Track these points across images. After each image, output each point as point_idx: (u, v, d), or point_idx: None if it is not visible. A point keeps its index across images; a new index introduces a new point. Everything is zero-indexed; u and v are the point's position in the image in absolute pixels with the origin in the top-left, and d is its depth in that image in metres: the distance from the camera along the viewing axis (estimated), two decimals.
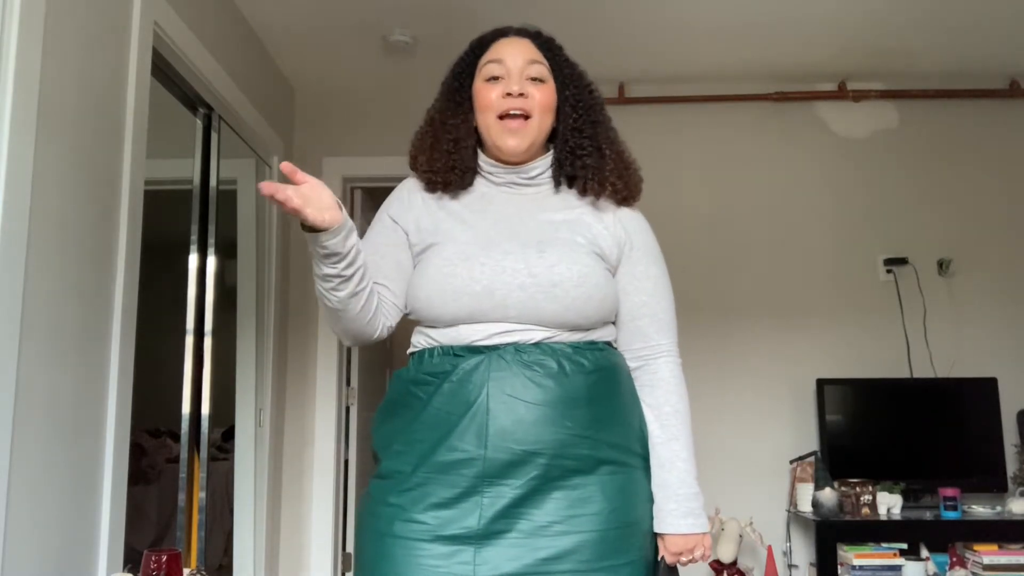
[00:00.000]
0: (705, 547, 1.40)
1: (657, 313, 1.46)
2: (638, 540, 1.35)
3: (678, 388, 1.45)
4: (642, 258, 1.48)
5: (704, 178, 3.70)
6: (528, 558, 1.28)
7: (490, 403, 1.31)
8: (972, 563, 2.99)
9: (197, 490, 2.87)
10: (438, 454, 1.32)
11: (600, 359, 1.39)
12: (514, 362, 1.33)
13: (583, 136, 1.47)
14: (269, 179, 3.44)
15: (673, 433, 1.41)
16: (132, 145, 2.14)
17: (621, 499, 1.34)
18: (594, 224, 1.45)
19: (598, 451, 1.33)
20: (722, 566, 3.19)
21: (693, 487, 1.40)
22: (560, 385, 1.33)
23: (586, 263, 1.39)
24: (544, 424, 1.31)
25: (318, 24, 3.18)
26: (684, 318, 3.52)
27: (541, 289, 1.35)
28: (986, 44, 3.38)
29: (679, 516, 1.38)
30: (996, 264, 3.60)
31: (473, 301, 1.36)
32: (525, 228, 1.43)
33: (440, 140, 1.49)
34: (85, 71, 1.92)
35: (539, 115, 1.44)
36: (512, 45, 1.48)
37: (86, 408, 1.93)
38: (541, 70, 1.46)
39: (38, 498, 1.72)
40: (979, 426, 3.31)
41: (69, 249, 1.85)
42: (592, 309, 1.38)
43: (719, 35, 3.30)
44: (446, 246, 1.42)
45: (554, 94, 1.47)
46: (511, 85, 1.43)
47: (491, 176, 1.49)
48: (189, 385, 2.83)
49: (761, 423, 3.52)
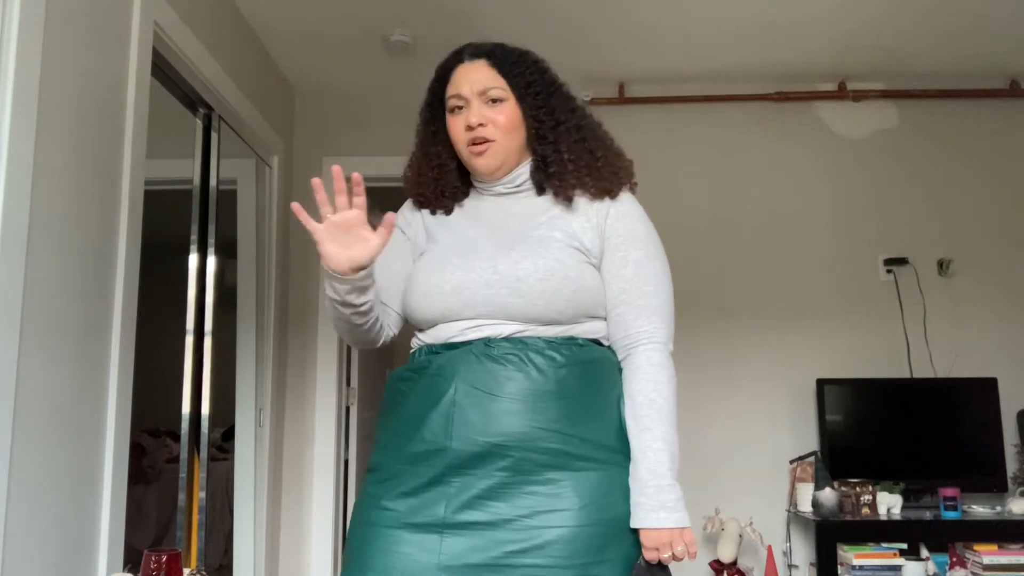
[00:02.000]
0: (686, 543, 1.34)
1: (636, 300, 1.43)
2: (616, 540, 1.32)
3: (655, 377, 1.39)
4: (622, 244, 1.46)
5: (704, 178, 3.70)
6: (494, 550, 1.28)
7: (457, 396, 1.34)
8: (972, 563, 2.99)
9: (197, 490, 2.87)
10: (410, 445, 1.36)
11: (577, 354, 1.39)
12: (483, 356, 1.36)
13: (547, 144, 1.50)
14: (269, 179, 3.45)
15: (645, 424, 1.37)
16: (132, 145, 2.14)
17: (596, 496, 1.32)
18: (576, 218, 1.47)
19: (570, 446, 1.33)
20: (722, 566, 3.19)
21: (665, 479, 1.34)
22: (528, 379, 1.34)
23: (557, 257, 1.40)
24: (510, 417, 1.32)
25: (318, 24, 3.18)
26: (684, 318, 3.54)
27: (505, 284, 1.38)
28: (986, 44, 3.38)
29: (649, 510, 1.33)
30: (996, 264, 3.61)
31: (445, 301, 1.41)
32: (505, 231, 1.47)
33: (424, 169, 1.56)
34: (85, 71, 1.92)
35: (502, 136, 1.48)
36: (467, 73, 1.50)
37: (86, 408, 1.93)
38: (498, 92, 1.49)
39: (38, 498, 1.72)
40: (979, 426, 3.31)
41: (69, 249, 1.85)
42: (562, 303, 1.38)
43: (719, 35, 3.30)
44: (430, 254, 1.49)
45: (516, 109, 1.50)
46: (470, 118, 1.47)
47: (483, 190, 1.55)
48: (189, 385, 2.83)
49: (761, 423, 3.52)
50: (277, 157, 3.47)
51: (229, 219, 3.25)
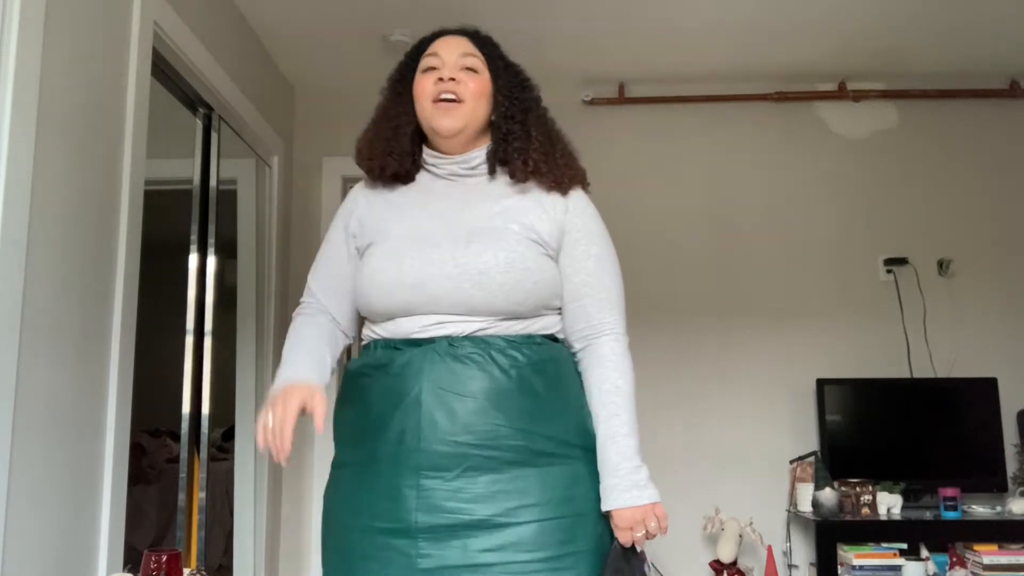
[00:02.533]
0: (658, 518, 1.38)
1: (598, 293, 1.48)
2: (584, 531, 1.36)
3: (619, 365, 1.45)
4: (582, 239, 1.49)
5: (704, 178, 3.70)
6: (469, 550, 1.30)
7: (423, 396, 1.35)
8: (972, 563, 2.99)
9: (197, 490, 2.87)
10: (378, 447, 1.37)
11: (537, 352, 1.41)
12: (446, 355, 1.36)
13: (515, 122, 1.51)
14: (269, 179, 3.45)
15: (613, 410, 1.42)
16: (132, 145, 2.14)
17: (560, 490, 1.35)
18: (532, 210, 1.48)
19: (533, 443, 1.35)
20: (722, 566, 3.19)
21: (635, 460, 1.40)
22: (492, 379, 1.36)
23: (516, 250, 1.41)
24: (475, 416, 1.34)
25: (318, 24, 3.18)
26: (684, 318, 3.55)
27: (468, 277, 1.38)
28: (986, 44, 3.38)
29: (622, 490, 1.37)
30: (996, 264, 3.60)
31: (405, 295, 1.40)
32: (460, 219, 1.46)
33: (381, 129, 1.56)
34: (85, 71, 1.92)
35: (472, 100, 1.49)
36: (448, 41, 1.55)
37: (86, 408, 1.93)
38: (475, 62, 1.52)
39: (38, 498, 1.72)
40: (979, 426, 3.31)
41: (69, 249, 1.85)
42: (522, 295, 1.40)
43: (719, 35, 3.30)
44: (381, 244, 1.47)
45: (488, 83, 1.52)
46: (443, 71, 1.49)
47: (434, 168, 1.54)
48: (189, 385, 2.83)
49: (761, 423, 3.52)
50: (277, 157, 3.47)
51: (229, 219, 3.25)
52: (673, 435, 3.52)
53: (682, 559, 3.43)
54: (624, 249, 3.65)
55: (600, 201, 3.94)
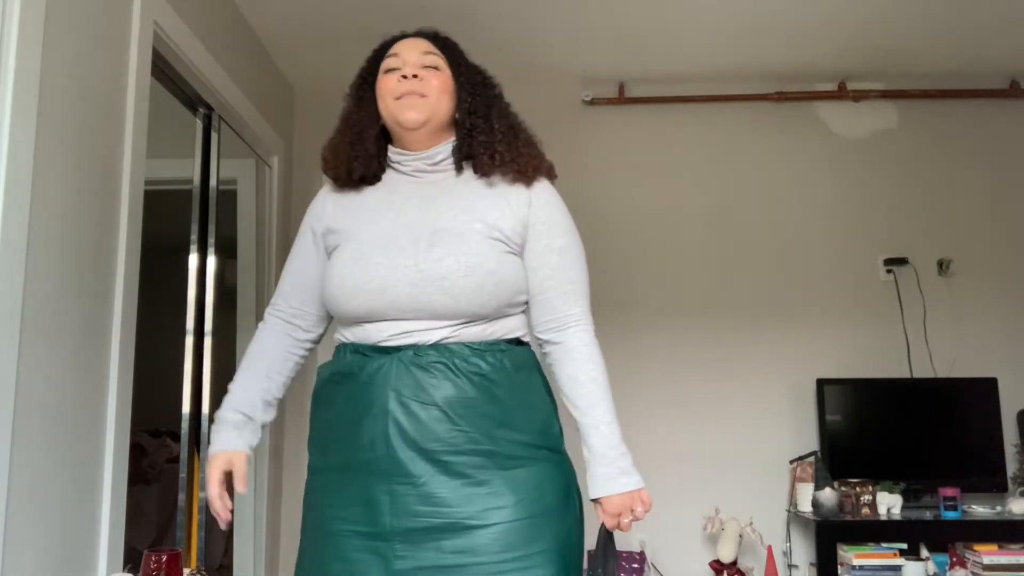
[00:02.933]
0: (643, 502, 1.43)
1: (563, 284, 1.50)
2: (551, 529, 1.38)
3: (592, 355, 1.48)
4: (546, 232, 1.51)
5: (704, 178, 3.70)
6: (442, 552, 1.33)
7: (390, 405, 1.38)
8: (972, 563, 2.99)
9: (197, 490, 2.86)
10: (349, 454, 1.41)
11: (501, 359, 1.44)
12: (412, 365, 1.40)
13: (478, 116, 1.52)
14: (269, 179, 3.45)
15: (592, 400, 1.45)
16: (132, 145, 2.14)
17: (528, 491, 1.38)
18: (494, 207, 1.49)
19: (498, 448, 1.38)
20: (722, 566, 3.19)
21: (620, 448, 1.44)
22: (456, 387, 1.39)
23: (478, 252, 1.42)
24: (441, 424, 1.37)
25: (318, 24, 3.18)
26: (684, 318, 3.55)
27: (430, 283, 1.40)
28: (986, 44, 3.38)
29: (611, 478, 1.42)
30: (996, 264, 3.61)
31: (369, 300, 1.43)
32: (424, 219, 1.47)
33: (346, 135, 1.57)
34: (85, 71, 1.92)
35: (435, 95, 1.49)
36: (409, 42, 1.56)
37: (86, 408, 1.93)
38: (436, 60, 1.53)
39: (38, 498, 1.72)
40: (979, 426, 3.31)
41: (69, 249, 1.85)
42: (486, 297, 1.41)
43: (719, 35, 3.30)
44: (347, 247, 1.49)
45: (450, 80, 1.53)
46: (404, 68, 1.50)
47: (399, 166, 1.55)
48: (189, 385, 2.83)
49: (761, 423, 3.52)
50: (277, 157, 3.47)
51: (229, 219, 3.25)
52: (673, 435, 3.52)
53: (682, 559, 3.43)
54: (624, 249, 3.67)
55: (600, 201, 3.96)
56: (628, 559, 3.27)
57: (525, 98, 3.94)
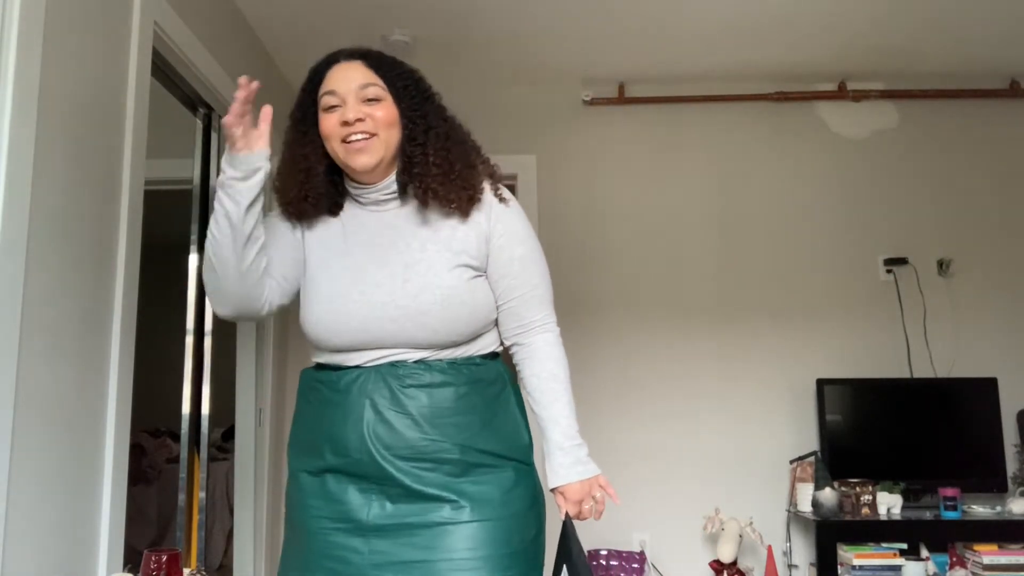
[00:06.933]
0: (602, 485, 1.53)
1: (526, 292, 1.55)
2: (519, 533, 1.44)
3: (553, 354, 1.56)
4: (506, 244, 1.53)
5: (704, 178, 3.70)
6: (418, 546, 1.40)
7: (366, 413, 1.44)
8: (972, 563, 3.00)
9: (197, 490, 2.87)
10: (327, 459, 1.47)
11: (475, 372, 1.50)
12: (389, 375, 1.45)
13: (416, 145, 1.50)
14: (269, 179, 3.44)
15: (553, 396, 1.54)
16: (132, 145, 2.14)
17: (495, 495, 1.44)
18: (459, 229, 1.50)
19: (469, 457, 1.45)
20: (722, 566, 3.19)
21: (576, 439, 1.53)
22: (430, 397, 1.45)
23: (450, 283, 1.46)
24: (415, 432, 1.43)
25: (318, 24, 3.18)
26: (684, 318, 3.55)
27: (409, 319, 1.45)
28: (986, 44, 3.38)
29: (568, 466, 1.52)
30: (996, 264, 3.61)
31: (350, 336, 1.47)
32: (395, 251, 1.49)
33: (292, 171, 1.56)
34: (85, 71, 1.92)
35: (384, 130, 1.47)
36: (343, 71, 1.49)
37: (86, 408, 1.93)
38: (376, 91, 1.48)
39: (38, 498, 1.72)
40: (979, 426, 3.32)
41: (69, 249, 1.85)
42: (463, 325, 1.48)
43: (719, 35, 3.30)
44: (321, 278, 1.52)
45: (394, 108, 1.49)
46: (347, 114, 1.46)
47: (359, 198, 1.55)
48: (189, 385, 2.83)
49: (761, 423, 3.52)
50: (276, 157, 3.46)
51: None
52: (673, 434, 3.52)
53: (682, 559, 3.43)
54: (624, 249, 3.67)
55: (599, 200, 3.96)
56: (628, 559, 3.27)
57: (525, 98, 3.96)
